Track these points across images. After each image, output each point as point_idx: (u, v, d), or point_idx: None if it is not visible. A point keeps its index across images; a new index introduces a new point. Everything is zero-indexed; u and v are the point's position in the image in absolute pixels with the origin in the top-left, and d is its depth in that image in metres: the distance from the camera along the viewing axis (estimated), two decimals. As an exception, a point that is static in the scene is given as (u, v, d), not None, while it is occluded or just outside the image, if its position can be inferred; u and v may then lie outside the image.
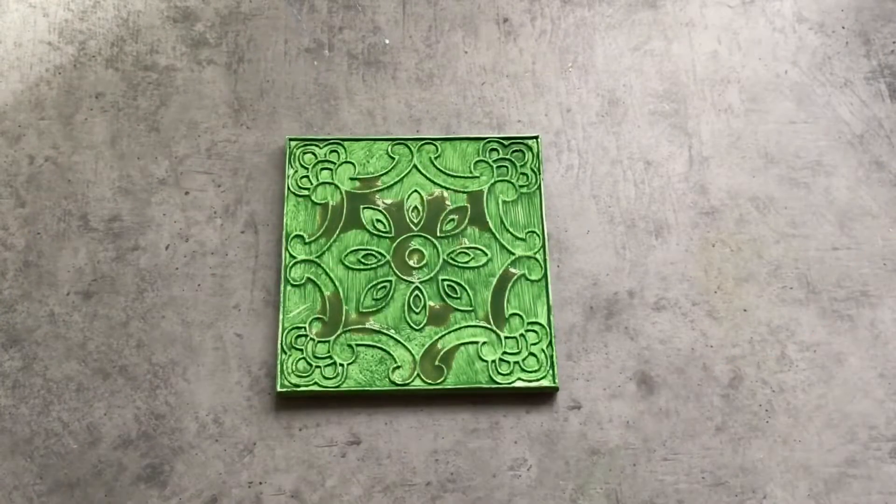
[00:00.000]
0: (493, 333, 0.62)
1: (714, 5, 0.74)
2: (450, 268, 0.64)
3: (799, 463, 0.60)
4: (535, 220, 0.65)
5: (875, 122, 0.70)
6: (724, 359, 0.62)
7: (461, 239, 0.65)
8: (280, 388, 0.59)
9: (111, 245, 0.65)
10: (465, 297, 0.63)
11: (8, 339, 0.62)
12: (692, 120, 0.69)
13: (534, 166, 0.67)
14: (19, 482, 0.58)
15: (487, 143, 0.67)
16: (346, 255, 0.64)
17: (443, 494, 0.59)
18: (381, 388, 0.60)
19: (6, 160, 0.67)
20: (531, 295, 0.63)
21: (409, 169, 0.66)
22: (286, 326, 0.61)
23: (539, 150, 0.67)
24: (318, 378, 0.60)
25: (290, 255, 0.63)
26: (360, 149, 0.67)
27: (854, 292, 0.64)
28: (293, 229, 0.64)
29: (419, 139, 0.67)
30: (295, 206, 0.65)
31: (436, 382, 0.60)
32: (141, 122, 0.68)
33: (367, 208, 0.65)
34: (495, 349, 0.62)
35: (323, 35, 0.72)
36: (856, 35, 0.73)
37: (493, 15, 0.73)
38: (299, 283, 0.62)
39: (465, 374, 0.61)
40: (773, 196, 0.67)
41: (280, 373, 0.60)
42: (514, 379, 0.61)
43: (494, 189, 0.66)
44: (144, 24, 0.72)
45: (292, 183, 0.65)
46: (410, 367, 0.61)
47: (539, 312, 0.63)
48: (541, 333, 0.62)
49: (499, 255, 0.65)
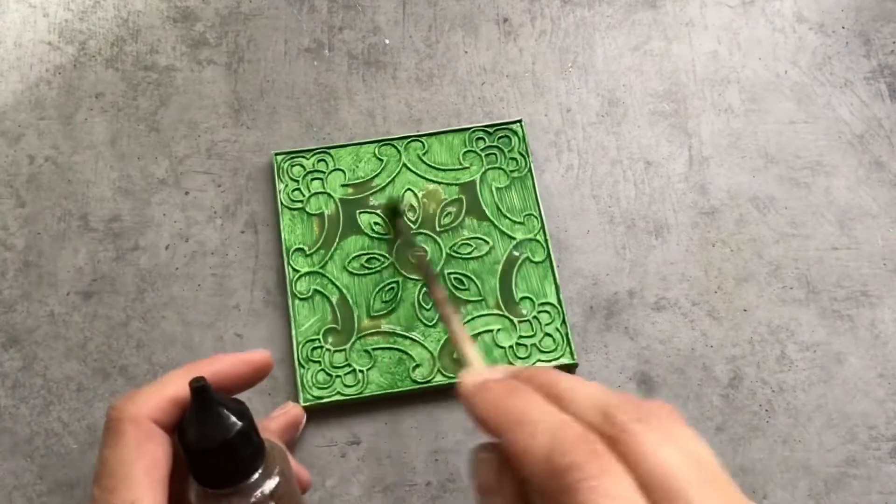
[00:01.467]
0: (507, 319, 0.62)
1: (714, 5, 0.74)
2: (454, 261, 0.64)
3: (799, 463, 0.60)
4: (531, 203, 0.65)
5: (875, 122, 0.70)
6: (724, 359, 0.62)
7: (461, 231, 0.65)
8: (304, 403, 0.59)
9: (111, 245, 0.65)
10: (474, 288, 0.63)
11: (8, 339, 0.62)
12: (692, 120, 0.69)
13: (521, 150, 0.67)
14: (19, 482, 0.58)
15: (473, 132, 0.67)
16: (349, 261, 0.63)
17: (443, 494, 0.59)
18: (405, 389, 0.60)
19: (6, 160, 0.67)
20: (538, 276, 0.63)
21: (399, 168, 0.66)
22: (300, 341, 0.61)
23: (524, 132, 0.67)
24: (339, 387, 0.60)
25: (293, 269, 0.63)
26: (348, 154, 0.66)
27: (854, 292, 0.64)
28: (292, 243, 0.63)
29: (404, 137, 0.67)
30: (291, 219, 0.64)
31: (457, 376, 0.60)
32: (141, 122, 0.68)
33: (363, 212, 0.65)
34: (510, 335, 0.62)
35: (323, 35, 0.72)
36: (856, 35, 0.73)
37: (493, 15, 0.73)
38: (307, 296, 0.62)
39: (485, 363, 0.61)
40: (773, 196, 0.67)
41: (301, 387, 0.59)
42: (533, 361, 0.61)
43: (486, 177, 0.66)
44: (144, 24, 0.72)
45: (284, 197, 0.65)
46: (430, 364, 0.61)
47: (548, 292, 0.63)
48: (553, 313, 0.62)
49: (500, 241, 0.64)
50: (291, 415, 0.58)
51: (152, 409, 0.40)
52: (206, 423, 0.38)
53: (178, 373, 0.42)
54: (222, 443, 0.38)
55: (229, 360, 0.44)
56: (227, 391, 0.43)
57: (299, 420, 0.58)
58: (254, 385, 0.45)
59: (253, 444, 0.40)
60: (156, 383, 0.41)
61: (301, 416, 0.58)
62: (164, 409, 0.40)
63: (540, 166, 0.67)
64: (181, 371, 0.42)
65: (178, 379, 0.41)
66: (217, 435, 0.38)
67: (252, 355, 0.45)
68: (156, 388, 0.41)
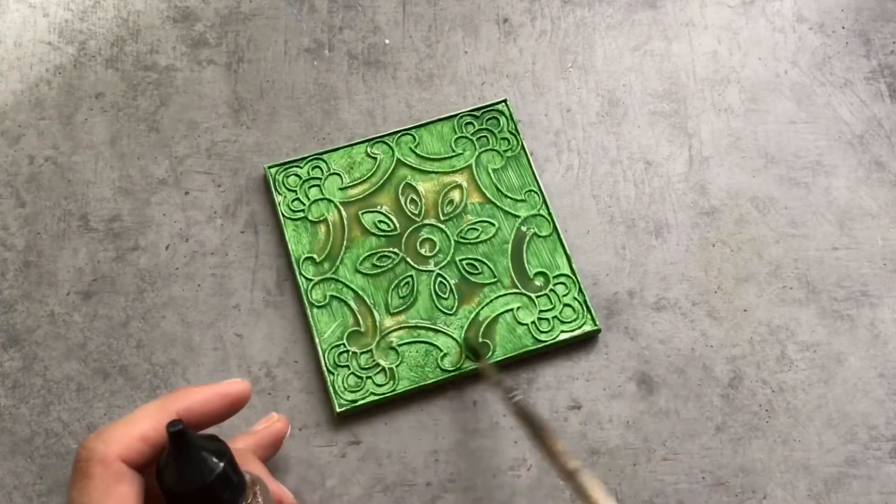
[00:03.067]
0: (524, 297, 0.62)
1: (714, 5, 0.74)
2: (463, 247, 0.64)
3: (799, 463, 0.60)
4: (529, 179, 0.66)
5: (875, 122, 0.70)
6: (724, 359, 0.62)
7: (465, 216, 0.65)
8: (338, 409, 0.59)
9: (111, 245, 0.65)
10: (487, 271, 0.63)
11: (8, 339, 0.62)
12: (692, 120, 0.69)
13: (510, 129, 0.67)
14: (19, 482, 0.58)
15: (461, 118, 0.67)
16: (360, 262, 0.63)
17: (443, 494, 0.59)
18: (436, 379, 0.60)
19: (6, 160, 0.67)
20: (547, 250, 0.64)
21: (393, 163, 0.66)
22: (324, 348, 0.60)
23: (510, 111, 0.67)
24: (371, 387, 0.60)
25: (305, 278, 0.62)
26: (341, 157, 0.66)
27: (854, 292, 0.64)
28: (300, 253, 0.63)
29: (395, 132, 0.67)
30: (295, 230, 0.64)
31: (487, 359, 0.60)
32: (141, 122, 0.68)
33: (365, 212, 0.65)
34: (531, 311, 0.62)
35: (323, 35, 0.72)
36: (856, 35, 0.73)
37: (493, 15, 0.73)
38: (324, 304, 0.62)
39: (510, 343, 0.61)
40: (773, 196, 0.67)
41: (333, 393, 0.59)
42: (556, 334, 0.61)
43: (481, 160, 0.66)
44: (144, 24, 0.72)
45: (285, 209, 0.64)
46: (457, 352, 0.61)
47: (560, 264, 0.63)
48: (568, 284, 0.62)
49: (505, 221, 0.64)
50: (275, 429, 0.55)
51: (123, 449, 0.39)
52: (184, 467, 0.38)
53: (149, 408, 0.41)
54: (201, 486, 0.38)
55: (204, 394, 0.42)
56: (201, 426, 0.42)
57: (283, 434, 0.56)
58: (230, 417, 0.44)
59: (232, 485, 0.39)
60: (126, 420, 0.40)
61: (285, 429, 0.56)
62: (135, 449, 0.39)
63: (540, 166, 0.67)
64: (153, 406, 0.41)
65: (151, 415, 0.40)
66: (196, 478, 0.38)
67: (228, 387, 0.43)
68: (126, 425, 0.39)
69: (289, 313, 0.63)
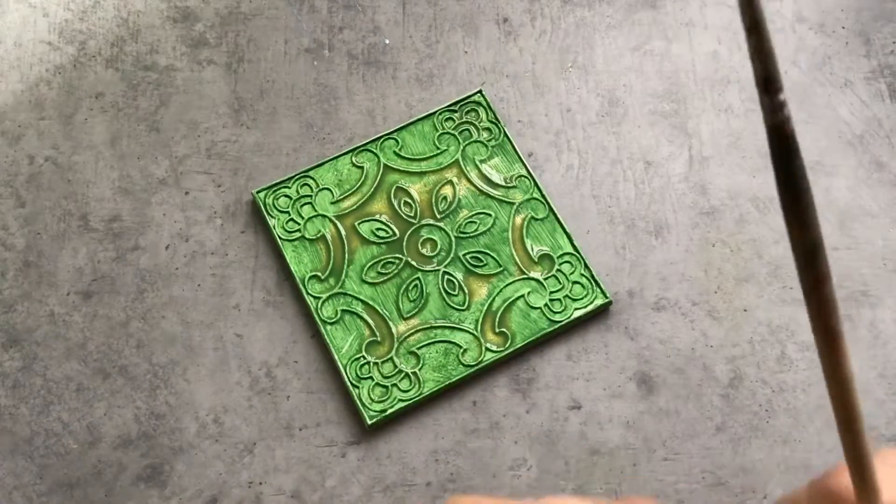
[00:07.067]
0: (533, 281, 0.63)
1: (714, 5, 0.74)
2: (464, 241, 0.64)
3: (799, 463, 0.60)
4: (517, 165, 0.66)
5: (875, 122, 0.69)
6: (724, 359, 0.62)
7: (460, 211, 0.65)
8: (370, 422, 0.59)
9: (111, 245, 0.65)
10: (492, 262, 0.63)
11: (8, 339, 0.62)
12: (692, 120, 0.69)
13: (490, 118, 0.67)
14: (19, 482, 0.58)
15: (440, 115, 0.67)
16: (365, 273, 0.63)
17: (443, 494, 0.59)
18: (460, 377, 0.60)
19: (6, 160, 0.67)
20: (547, 231, 0.64)
21: (381, 170, 0.66)
22: (344, 363, 0.60)
23: (487, 101, 0.68)
24: (397, 395, 0.60)
25: (313, 297, 0.62)
26: (327, 171, 0.66)
27: (854, 292, 0.64)
28: (304, 272, 0.63)
29: (376, 139, 0.67)
30: (294, 250, 0.63)
31: (506, 347, 0.61)
32: (141, 122, 0.68)
33: (362, 222, 0.64)
34: (541, 294, 0.62)
35: (323, 35, 0.72)
36: (856, 35, 0.73)
37: (493, 15, 0.73)
38: (336, 319, 0.62)
39: (527, 329, 0.61)
40: (773, 196, 0.67)
41: (362, 407, 0.59)
42: (570, 312, 0.62)
43: (467, 153, 0.66)
44: (144, 24, 0.72)
45: (280, 231, 0.64)
46: (477, 346, 0.61)
47: (563, 244, 0.64)
48: (573, 262, 0.63)
49: (500, 210, 0.65)
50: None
51: None
52: None
53: None
54: None
55: None
56: None
57: None
58: None
59: None
60: None
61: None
62: None
63: (540, 166, 0.67)
64: None
65: None
66: None
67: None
68: None
69: (289, 313, 0.63)
